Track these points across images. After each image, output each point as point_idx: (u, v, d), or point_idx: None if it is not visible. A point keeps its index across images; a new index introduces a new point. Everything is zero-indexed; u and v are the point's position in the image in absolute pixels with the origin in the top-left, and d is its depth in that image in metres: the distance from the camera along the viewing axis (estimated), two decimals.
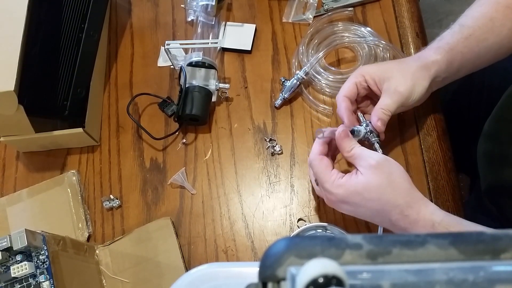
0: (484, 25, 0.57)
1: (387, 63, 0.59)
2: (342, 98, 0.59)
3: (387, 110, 0.56)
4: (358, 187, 0.50)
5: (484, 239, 0.24)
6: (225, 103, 0.74)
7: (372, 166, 0.50)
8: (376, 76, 0.57)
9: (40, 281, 0.51)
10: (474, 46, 0.58)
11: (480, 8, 0.59)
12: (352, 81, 0.59)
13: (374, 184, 0.49)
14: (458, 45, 0.57)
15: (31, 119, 0.64)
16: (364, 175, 0.50)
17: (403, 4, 0.76)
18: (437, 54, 0.57)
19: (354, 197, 0.50)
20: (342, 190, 0.51)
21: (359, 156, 0.52)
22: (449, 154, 0.66)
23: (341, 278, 0.20)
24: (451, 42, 0.58)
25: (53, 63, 0.68)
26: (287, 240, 0.25)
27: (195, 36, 0.75)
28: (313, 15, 0.77)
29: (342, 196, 0.51)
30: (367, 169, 0.50)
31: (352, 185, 0.50)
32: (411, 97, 0.57)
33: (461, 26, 0.58)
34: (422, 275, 0.22)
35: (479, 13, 0.59)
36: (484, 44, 0.58)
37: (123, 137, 0.75)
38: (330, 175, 0.52)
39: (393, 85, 0.56)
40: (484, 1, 0.60)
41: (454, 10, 1.71)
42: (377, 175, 0.49)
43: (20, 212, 0.70)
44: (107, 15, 0.82)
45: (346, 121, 0.58)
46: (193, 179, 0.70)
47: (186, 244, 0.66)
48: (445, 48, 0.57)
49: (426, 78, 0.57)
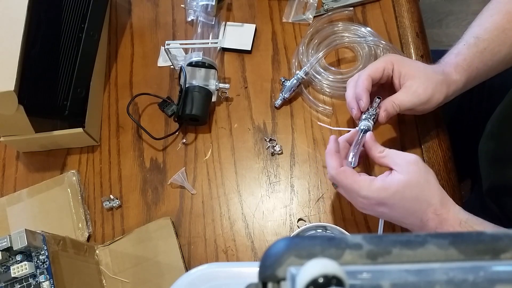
0: (498, 37, 0.57)
1: (417, 63, 0.58)
2: (366, 77, 0.57)
3: (397, 106, 0.56)
4: (400, 186, 0.49)
5: (484, 239, 0.24)
6: (225, 103, 0.74)
7: (411, 163, 0.50)
8: (404, 69, 0.57)
9: (40, 281, 0.51)
10: (488, 60, 0.58)
11: (492, 19, 0.59)
12: (382, 64, 0.57)
13: (414, 181, 0.49)
14: (475, 61, 0.57)
15: (31, 119, 0.64)
16: (402, 173, 0.49)
17: (403, 4, 0.76)
18: (457, 73, 0.57)
19: (395, 197, 0.49)
20: (382, 192, 0.49)
21: (395, 154, 0.51)
22: (449, 154, 0.66)
23: (341, 278, 0.20)
24: (469, 59, 0.57)
25: (53, 63, 0.68)
26: (287, 240, 0.25)
27: (195, 36, 0.75)
28: (313, 15, 0.77)
29: (382, 198, 0.50)
30: (406, 167, 0.50)
31: (393, 185, 0.49)
32: (424, 105, 0.57)
33: (476, 39, 0.58)
34: (422, 275, 0.22)
35: (492, 24, 0.58)
36: (497, 56, 0.58)
37: (123, 137, 0.75)
38: (363, 182, 0.51)
39: (415, 86, 0.56)
40: (495, 10, 0.60)
41: (454, 10, 1.71)
42: (416, 172, 0.49)
43: (20, 212, 0.70)
44: (107, 15, 0.82)
45: (364, 101, 0.57)
46: (193, 179, 0.70)
47: (186, 244, 0.66)
48: (464, 66, 0.57)
49: (443, 93, 0.57)
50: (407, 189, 0.49)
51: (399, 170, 0.50)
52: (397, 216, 0.52)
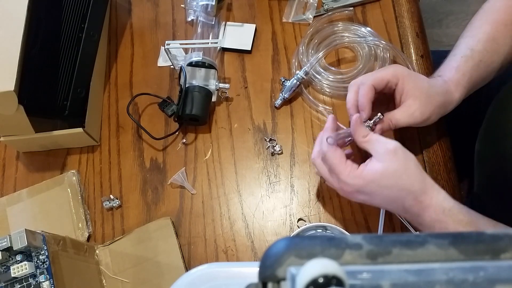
0: (491, 47, 0.58)
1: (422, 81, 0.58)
2: (369, 87, 0.57)
3: (393, 125, 0.57)
4: (376, 176, 0.50)
5: (484, 239, 0.24)
6: (225, 103, 0.74)
7: (389, 152, 0.50)
8: (407, 87, 0.56)
9: (40, 281, 0.51)
10: (483, 72, 0.59)
11: (482, 29, 0.60)
12: (387, 76, 0.57)
13: (391, 170, 0.49)
14: (473, 75, 0.58)
15: (31, 119, 0.64)
16: (380, 161, 0.50)
17: (403, 4, 0.76)
18: (457, 92, 0.58)
19: (371, 186, 0.50)
20: (359, 180, 0.51)
21: (376, 141, 0.52)
22: (449, 154, 0.66)
23: (341, 278, 0.20)
24: (468, 74, 0.58)
25: (53, 63, 0.68)
26: (287, 240, 0.25)
27: (195, 36, 0.75)
28: (313, 15, 0.77)
29: (359, 186, 0.51)
30: (384, 155, 0.50)
31: (369, 174, 0.50)
32: (419, 123, 0.58)
33: (471, 51, 0.59)
34: (422, 275, 0.22)
35: (483, 34, 0.59)
36: (491, 67, 0.59)
37: (123, 137, 0.75)
38: (345, 166, 0.52)
39: (414, 108, 0.56)
40: (483, 20, 0.61)
41: (454, 10, 1.71)
42: (394, 161, 0.50)
43: (20, 212, 0.70)
44: (107, 15, 0.82)
45: (366, 113, 0.56)
46: (193, 179, 0.70)
47: (186, 244, 0.66)
48: (464, 84, 0.58)
49: (440, 114, 0.58)
50: (383, 178, 0.50)
51: (377, 158, 0.51)
52: (379, 203, 0.53)
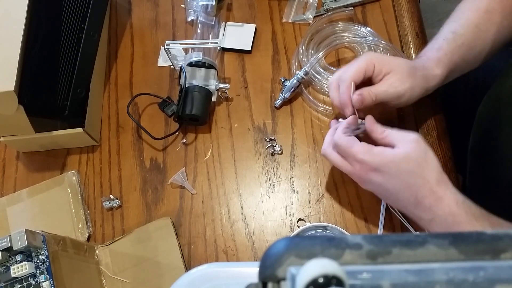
0: (472, 32, 0.59)
1: (397, 59, 0.59)
2: (349, 84, 0.57)
3: (373, 94, 0.56)
4: (396, 158, 0.50)
5: (484, 239, 0.24)
6: (225, 103, 0.74)
7: (411, 141, 0.51)
8: (384, 68, 0.57)
9: (40, 281, 0.51)
10: (466, 54, 0.59)
11: (465, 15, 0.61)
12: (363, 66, 0.57)
13: (412, 156, 0.50)
14: (454, 55, 0.59)
15: (31, 119, 0.64)
16: (402, 148, 0.51)
17: (403, 4, 0.76)
18: (438, 68, 0.58)
19: (390, 166, 0.50)
20: (378, 158, 0.51)
21: (395, 133, 0.53)
22: (449, 154, 0.66)
23: (341, 278, 0.20)
24: (449, 53, 0.59)
25: (53, 63, 0.68)
26: (287, 240, 0.25)
27: (195, 36, 0.75)
28: (313, 15, 0.77)
29: (378, 164, 0.51)
30: (406, 143, 0.51)
31: (390, 155, 0.51)
32: (401, 98, 0.57)
33: (454, 34, 0.60)
34: (422, 275, 0.22)
35: (465, 20, 0.60)
36: (473, 51, 0.60)
37: (123, 137, 0.75)
38: (361, 145, 0.52)
39: (393, 79, 0.56)
40: (466, 7, 0.62)
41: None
42: (415, 149, 0.51)
43: (20, 212, 0.70)
44: (107, 15, 0.82)
45: (350, 109, 0.57)
46: (193, 179, 0.70)
47: (186, 244, 0.66)
48: (445, 61, 0.58)
49: (423, 88, 0.58)
50: (403, 161, 0.50)
51: (398, 145, 0.51)
52: (391, 190, 0.52)
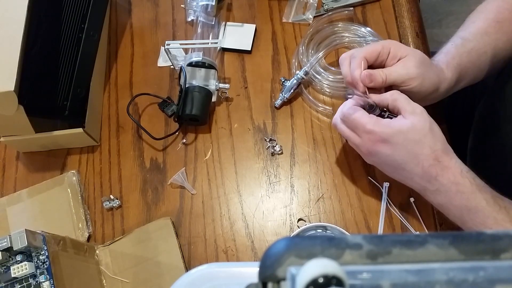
0: (482, 39, 0.60)
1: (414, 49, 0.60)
2: (361, 59, 0.56)
3: (383, 74, 0.56)
4: (404, 127, 0.52)
5: (484, 239, 0.24)
6: (225, 103, 0.74)
7: (417, 112, 0.52)
8: (400, 51, 0.57)
9: (40, 281, 0.51)
10: (476, 60, 0.60)
11: (474, 24, 0.62)
12: (378, 48, 0.57)
13: (419, 126, 0.52)
14: (463, 60, 0.59)
15: (31, 119, 0.64)
16: (408, 119, 0.52)
17: (403, 4, 0.76)
18: (448, 71, 0.58)
19: (398, 136, 0.52)
20: (387, 128, 0.52)
21: (405, 100, 0.54)
22: None
23: (341, 278, 0.20)
24: (457, 57, 0.59)
25: (53, 63, 0.68)
26: (287, 240, 0.25)
27: (195, 36, 0.75)
28: (313, 15, 0.77)
29: (386, 134, 0.52)
30: (413, 114, 0.52)
31: (398, 125, 0.52)
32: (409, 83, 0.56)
33: (463, 40, 0.60)
34: (422, 275, 0.22)
35: (475, 28, 0.61)
36: (483, 57, 0.60)
37: (123, 137, 0.75)
38: (369, 117, 0.54)
39: (406, 62, 0.56)
40: (476, 17, 0.63)
41: (454, 10, 1.71)
42: (422, 119, 0.52)
43: (20, 212, 0.70)
44: (107, 15, 0.82)
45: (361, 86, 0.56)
46: (193, 179, 0.70)
47: (186, 244, 0.66)
48: (454, 64, 0.59)
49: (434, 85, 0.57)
50: (411, 131, 0.52)
51: (405, 116, 0.53)
52: (399, 160, 0.53)
